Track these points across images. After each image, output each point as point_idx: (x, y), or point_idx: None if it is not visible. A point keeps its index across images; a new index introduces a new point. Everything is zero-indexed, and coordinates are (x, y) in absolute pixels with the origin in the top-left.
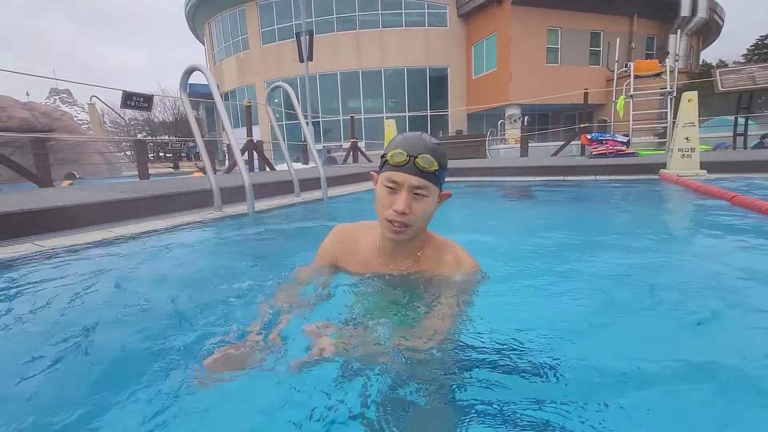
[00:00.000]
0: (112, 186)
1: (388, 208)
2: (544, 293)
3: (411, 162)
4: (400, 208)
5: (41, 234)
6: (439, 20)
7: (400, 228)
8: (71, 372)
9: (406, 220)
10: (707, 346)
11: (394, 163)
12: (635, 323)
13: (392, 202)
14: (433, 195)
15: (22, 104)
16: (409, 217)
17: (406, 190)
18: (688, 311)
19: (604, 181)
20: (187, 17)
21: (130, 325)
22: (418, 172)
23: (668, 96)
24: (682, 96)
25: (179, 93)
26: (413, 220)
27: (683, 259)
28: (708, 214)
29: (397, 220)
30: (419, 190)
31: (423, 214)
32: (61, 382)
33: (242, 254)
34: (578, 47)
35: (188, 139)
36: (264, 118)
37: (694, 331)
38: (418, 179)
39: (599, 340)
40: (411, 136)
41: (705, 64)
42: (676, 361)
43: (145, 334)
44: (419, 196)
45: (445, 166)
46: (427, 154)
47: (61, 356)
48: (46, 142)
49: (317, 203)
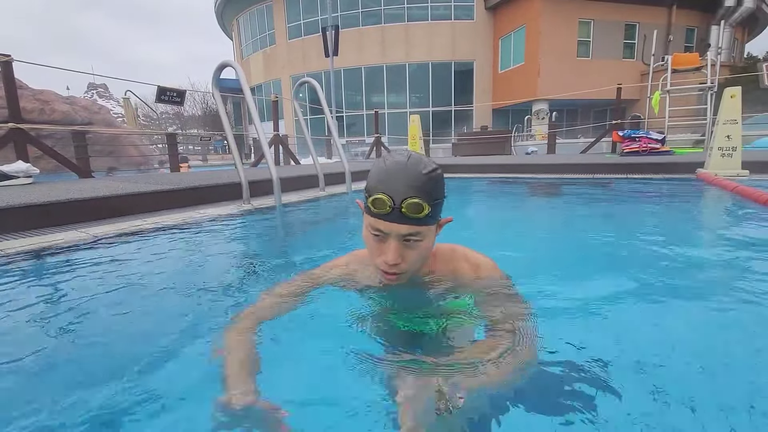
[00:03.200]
0: (146, 177)
1: (378, 257)
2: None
3: (396, 211)
4: (390, 260)
5: (84, 222)
6: (466, 13)
7: (394, 277)
8: (122, 348)
9: (398, 269)
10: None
11: (377, 211)
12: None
13: (381, 252)
14: (429, 235)
15: (63, 98)
16: (402, 265)
17: (394, 239)
18: (709, 309)
19: (635, 180)
20: (216, 13)
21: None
22: (406, 220)
23: (708, 91)
24: (724, 92)
25: (211, 88)
26: (408, 267)
27: (705, 265)
28: (742, 217)
29: (388, 271)
30: (411, 236)
31: (419, 258)
32: (112, 355)
33: (270, 246)
34: (611, 40)
35: (217, 132)
36: (289, 112)
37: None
38: (407, 227)
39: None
40: (394, 172)
41: (750, 57)
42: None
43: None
44: (411, 242)
45: (441, 199)
46: (415, 199)
47: (105, 335)
48: (85, 135)
49: (342, 197)
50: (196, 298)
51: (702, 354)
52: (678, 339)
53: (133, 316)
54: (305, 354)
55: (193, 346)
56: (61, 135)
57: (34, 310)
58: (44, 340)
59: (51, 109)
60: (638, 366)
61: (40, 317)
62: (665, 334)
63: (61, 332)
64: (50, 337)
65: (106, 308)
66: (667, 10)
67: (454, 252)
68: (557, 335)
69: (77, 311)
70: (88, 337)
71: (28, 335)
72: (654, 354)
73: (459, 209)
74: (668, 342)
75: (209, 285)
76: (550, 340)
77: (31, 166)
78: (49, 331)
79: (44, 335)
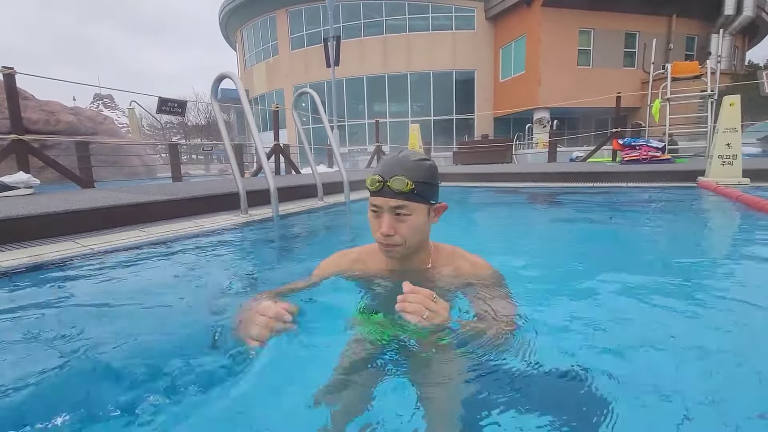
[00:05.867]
0: (145, 188)
1: (377, 231)
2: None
3: (385, 186)
4: (384, 230)
5: (81, 233)
6: (467, 23)
7: (391, 248)
8: (100, 366)
9: (392, 240)
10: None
11: (372, 189)
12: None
13: (378, 225)
14: (418, 212)
15: (69, 109)
16: (396, 237)
17: (387, 212)
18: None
19: (636, 188)
20: (220, 25)
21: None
22: (394, 194)
23: (708, 99)
24: (724, 100)
25: (210, 99)
26: (401, 239)
27: (715, 274)
28: (747, 226)
29: (384, 242)
30: (400, 210)
31: (410, 231)
32: (92, 374)
33: (265, 258)
34: (612, 49)
35: (218, 142)
36: (291, 121)
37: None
38: (396, 201)
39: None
40: (389, 159)
41: (751, 64)
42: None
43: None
44: (402, 216)
45: (428, 182)
46: (400, 176)
47: (93, 347)
48: (89, 145)
49: (340, 207)
50: (186, 310)
51: (705, 359)
52: (679, 345)
53: (124, 328)
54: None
55: (186, 357)
56: (67, 145)
57: (22, 323)
58: (34, 354)
59: (56, 119)
60: (642, 375)
61: (28, 331)
62: (668, 341)
63: (49, 347)
64: (42, 350)
65: (97, 321)
66: (667, 19)
67: (454, 251)
68: (555, 344)
69: (67, 324)
70: (84, 350)
71: (18, 349)
72: (663, 364)
73: (456, 215)
74: (673, 350)
75: (200, 295)
76: (550, 343)
77: (31, 177)
78: (40, 344)
79: (34, 349)
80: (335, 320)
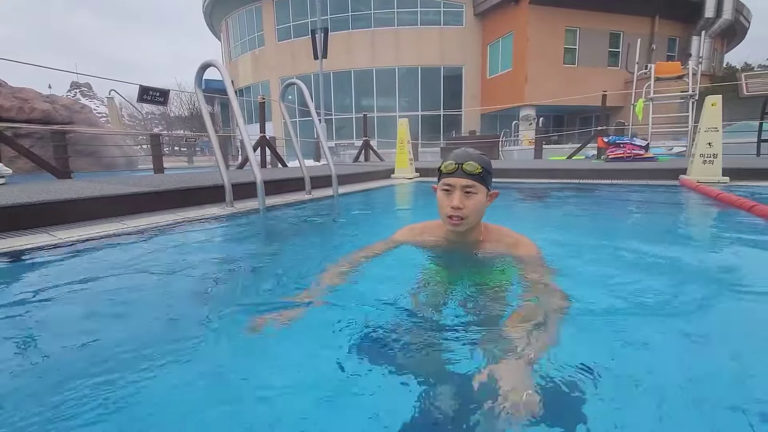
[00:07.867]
0: (126, 179)
1: (447, 206)
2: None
3: (459, 168)
4: (455, 204)
5: (57, 225)
6: (455, 19)
7: (458, 221)
8: (82, 359)
9: (461, 213)
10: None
11: (447, 171)
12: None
13: (449, 201)
14: (482, 192)
15: (44, 97)
16: (464, 210)
17: (458, 190)
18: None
19: (619, 186)
20: (204, 14)
21: (133, 316)
22: (466, 175)
23: (690, 99)
24: (706, 100)
25: (194, 88)
26: (467, 213)
27: (691, 269)
28: (727, 223)
29: (454, 215)
30: (469, 188)
31: (475, 207)
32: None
33: (251, 251)
34: (597, 48)
35: (202, 134)
36: (277, 114)
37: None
38: (467, 180)
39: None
40: (459, 151)
41: (729, 67)
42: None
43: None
44: (470, 194)
45: (488, 170)
46: (471, 161)
47: (72, 344)
48: (65, 135)
49: (328, 200)
50: (167, 303)
51: (695, 361)
52: (662, 350)
53: (103, 323)
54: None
55: (168, 353)
56: (42, 134)
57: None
58: (7, 348)
59: (30, 107)
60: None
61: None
62: (650, 347)
63: (23, 343)
64: (13, 344)
65: (74, 316)
66: (650, 19)
67: (501, 229)
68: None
69: (41, 319)
70: (61, 344)
71: None
72: (644, 368)
73: None
74: (656, 353)
75: (181, 289)
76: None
77: (3, 167)
78: (11, 339)
79: (6, 342)
80: (411, 271)
